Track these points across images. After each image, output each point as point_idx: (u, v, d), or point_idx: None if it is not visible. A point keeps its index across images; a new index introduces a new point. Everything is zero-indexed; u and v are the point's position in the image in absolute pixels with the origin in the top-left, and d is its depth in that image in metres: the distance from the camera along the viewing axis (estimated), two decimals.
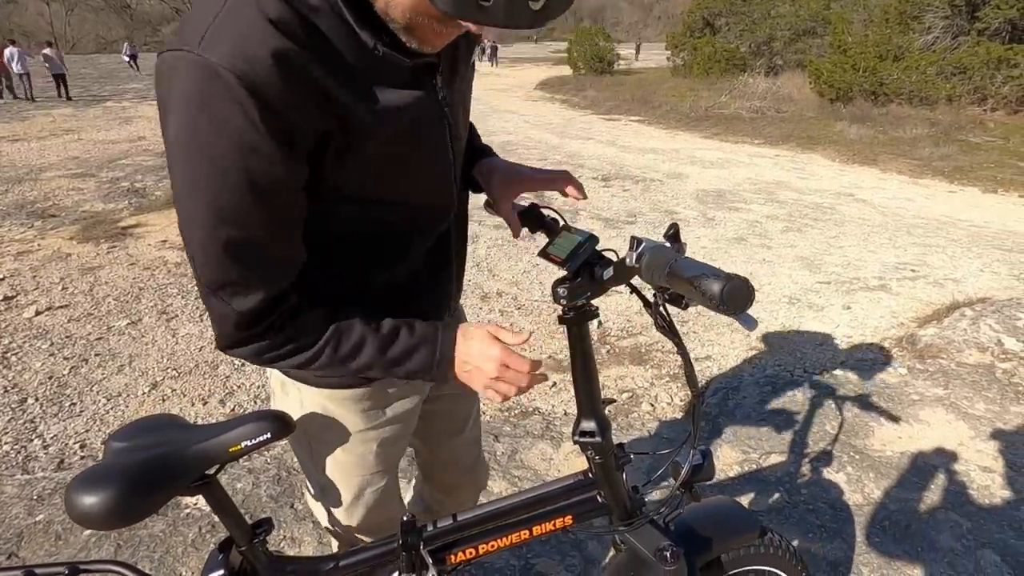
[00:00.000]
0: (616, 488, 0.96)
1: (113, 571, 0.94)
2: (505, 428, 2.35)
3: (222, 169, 0.62)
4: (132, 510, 0.73)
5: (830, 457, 2.15)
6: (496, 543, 0.94)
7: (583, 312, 0.87)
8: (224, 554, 0.87)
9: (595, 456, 0.93)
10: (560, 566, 1.70)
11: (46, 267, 4.36)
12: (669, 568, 0.91)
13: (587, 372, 0.90)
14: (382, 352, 0.78)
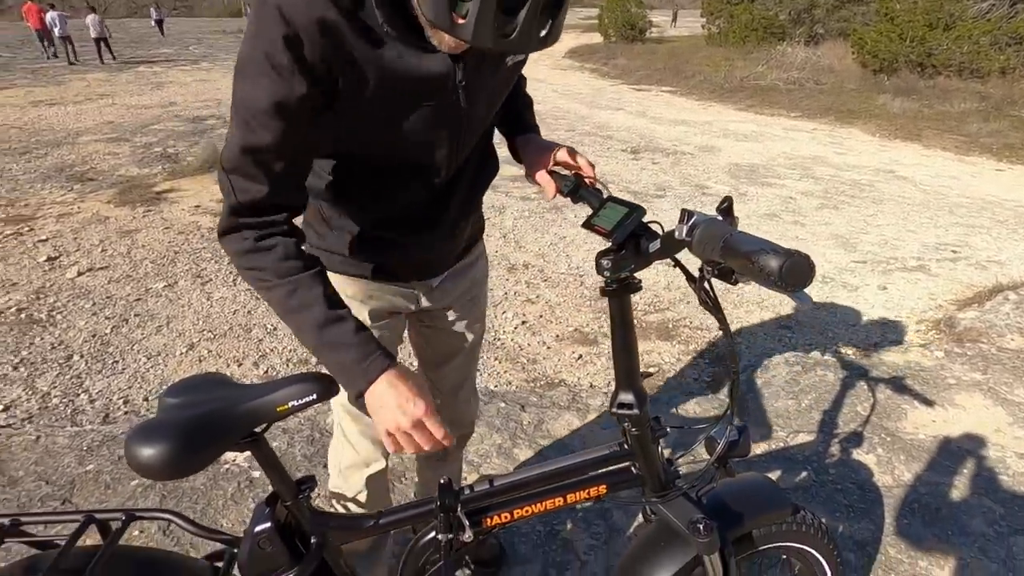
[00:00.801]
0: (651, 460, 0.96)
1: (165, 519, 0.99)
2: (531, 398, 2.38)
3: (255, 77, 0.76)
4: (187, 463, 0.77)
5: (860, 438, 2.13)
6: (530, 508, 0.96)
7: (626, 285, 0.86)
8: (270, 508, 0.91)
9: (632, 428, 0.93)
10: (585, 534, 1.73)
11: (86, 229, 4.49)
12: (702, 540, 0.92)
13: (627, 345, 0.90)
14: (319, 327, 0.83)
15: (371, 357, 0.83)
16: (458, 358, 1.32)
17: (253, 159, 0.79)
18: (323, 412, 2.28)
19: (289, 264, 0.83)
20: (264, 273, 0.83)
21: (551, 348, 3.04)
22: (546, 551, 1.68)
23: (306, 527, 0.92)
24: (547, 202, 5.31)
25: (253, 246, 0.82)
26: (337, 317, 0.84)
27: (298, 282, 0.83)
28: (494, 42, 0.69)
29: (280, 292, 0.83)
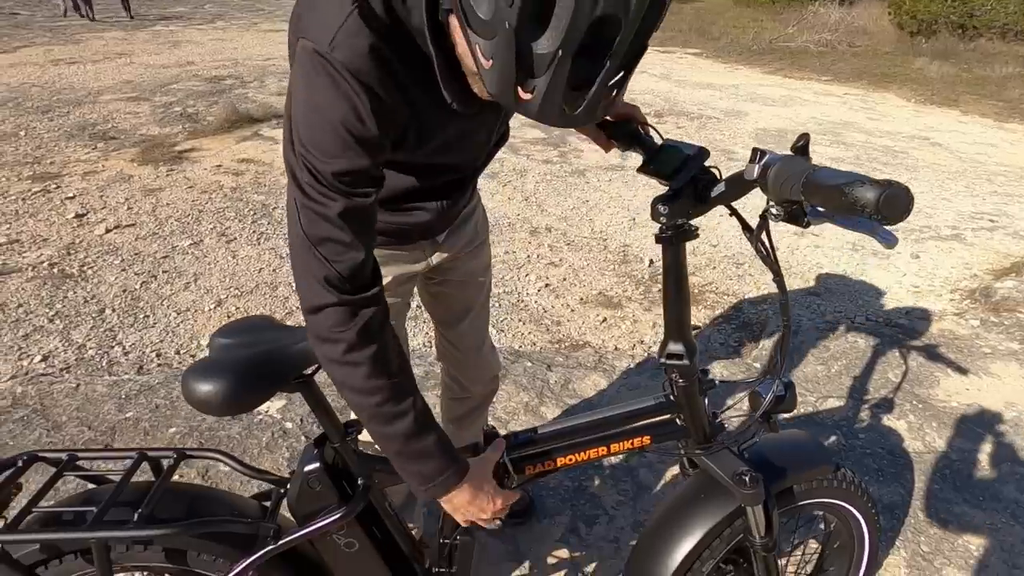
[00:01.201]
0: (697, 413, 0.95)
1: (215, 458, 1.01)
2: (557, 359, 2.38)
3: (339, 150, 0.72)
4: (242, 400, 0.77)
5: (891, 404, 2.11)
6: (574, 457, 0.96)
7: (682, 231, 0.84)
8: (319, 449, 0.92)
9: (679, 379, 0.92)
10: (613, 490, 1.75)
11: (111, 187, 4.52)
12: (747, 492, 0.92)
13: (680, 295, 0.88)
14: (407, 438, 0.80)
15: (451, 468, 0.84)
16: (473, 311, 1.33)
17: (357, 223, 0.74)
18: None
19: (389, 364, 0.78)
20: (355, 372, 0.76)
21: (575, 311, 3.03)
22: (574, 505, 1.70)
23: (353, 469, 0.94)
24: (569, 165, 5.24)
25: (344, 319, 0.74)
26: (425, 427, 0.82)
27: (395, 388, 0.78)
28: (560, 119, 0.67)
29: (374, 399, 0.77)
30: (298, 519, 0.92)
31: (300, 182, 0.72)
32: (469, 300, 1.32)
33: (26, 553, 0.88)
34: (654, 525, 1.06)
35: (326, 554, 0.95)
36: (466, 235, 1.22)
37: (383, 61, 0.71)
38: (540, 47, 0.60)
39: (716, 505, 1.00)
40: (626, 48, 0.61)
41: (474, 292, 1.32)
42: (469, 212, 1.21)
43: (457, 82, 0.76)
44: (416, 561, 1.02)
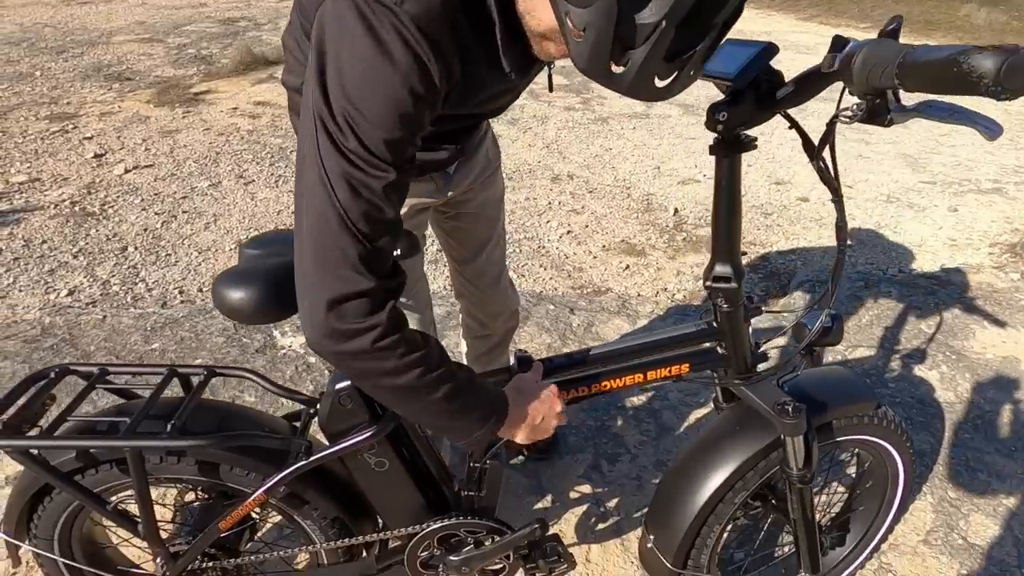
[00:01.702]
0: (740, 341, 0.92)
1: (245, 376, 1.00)
2: (580, 303, 2.35)
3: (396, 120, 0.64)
4: (272, 308, 0.75)
5: (923, 355, 2.05)
6: (609, 383, 0.93)
7: (739, 141, 0.77)
8: None
9: (724, 304, 0.88)
10: (635, 430, 1.75)
11: (128, 128, 4.48)
12: (789, 422, 0.89)
13: (731, 212, 0.83)
14: (449, 410, 0.76)
15: (494, 412, 0.81)
16: (489, 244, 1.31)
17: (397, 196, 0.67)
18: None
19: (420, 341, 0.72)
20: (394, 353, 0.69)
21: (597, 258, 2.98)
22: (597, 443, 1.70)
23: None
24: (592, 113, 5.08)
25: (376, 303, 0.66)
26: (465, 379, 0.77)
27: (428, 354, 0.72)
28: (650, 93, 0.63)
29: (414, 373, 0.71)
30: (329, 437, 0.92)
31: (344, 150, 0.62)
32: (484, 233, 1.29)
33: (63, 461, 0.89)
34: (688, 455, 1.04)
35: (357, 473, 0.95)
36: (478, 164, 1.18)
37: (451, 19, 0.65)
38: (643, 17, 0.56)
39: (753, 436, 0.98)
40: (729, 14, 0.58)
41: (488, 224, 1.29)
42: (479, 141, 1.17)
43: (515, 48, 0.71)
44: (445, 484, 1.02)
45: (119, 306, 2.35)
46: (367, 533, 1.03)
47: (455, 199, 1.17)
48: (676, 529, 1.02)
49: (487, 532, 1.00)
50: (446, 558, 1.02)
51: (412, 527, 1.00)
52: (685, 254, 3.01)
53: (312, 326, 0.66)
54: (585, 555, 1.41)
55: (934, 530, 1.49)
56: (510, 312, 1.46)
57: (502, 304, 1.42)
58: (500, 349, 1.52)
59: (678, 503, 1.02)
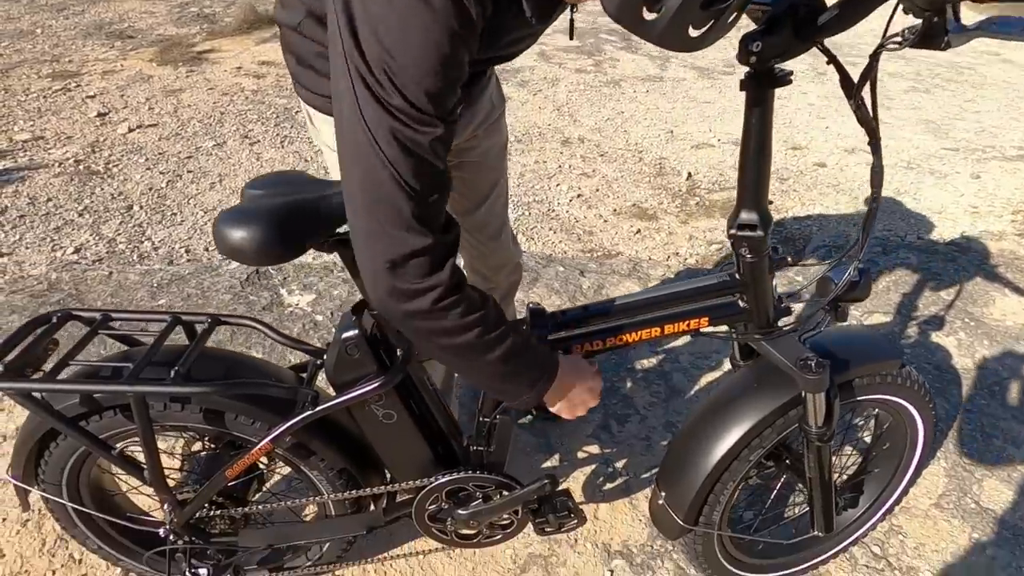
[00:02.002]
0: (763, 293, 0.88)
1: (250, 325, 0.97)
2: (590, 265, 2.31)
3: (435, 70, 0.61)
4: (276, 249, 0.72)
5: (941, 322, 2.01)
6: (625, 337, 0.90)
7: (773, 75, 0.72)
8: (358, 316, 0.87)
9: (748, 254, 0.84)
10: (645, 392, 1.73)
11: (131, 87, 4.41)
12: (811, 377, 0.86)
13: (761, 154, 0.78)
14: (503, 368, 0.76)
15: (547, 370, 0.81)
16: (492, 196, 1.27)
17: (445, 149, 0.64)
18: None
19: (478, 300, 0.72)
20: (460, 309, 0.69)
21: (608, 221, 2.93)
22: (606, 404, 1.68)
23: (392, 338, 0.89)
24: (604, 75, 4.94)
25: (435, 260, 0.65)
26: (522, 337, 0.76)
27: (487, 313, 0.72)
28: (681, 43, 0.59)
29: (473, 333, 0.71)
30: (335, 387, 0.89)
31: (388, 106, 0.59)
32: (486, 183, 1.24)
33: (67, 406, 0.87)
34: (704, 410, 1.01)
35: (364, 424, 0.93)
36: (482, 109, 1.13)
37: None
38: None
39: (773, 392, 0.95)
40: None
41: (491, 174, 1.24)
42: (483, 85, 1.12)
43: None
44: (453, 438, 1.00)
45: (125, 263, 2.33)
46: (375, 485, 1.02)
47: (458, 147, 1.13)
48: (688, 485, 1.00)
49: (496, 487, 0.99)
50: (454, 512, 1.01)
51: (420, 480, 0.98)
52: (698, 219, 2.95)
53: (374, 287, 0.66)
54: (594, 513, 1.40)
55: (946, 494, 1.47)
56: (513, 265, 1.43)
57: (505, 256, 1.39)
58: (506, 303, 1.50)
59: (692, 459, 1.00)
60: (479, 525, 1.03)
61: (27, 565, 1.24)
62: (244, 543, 1.01)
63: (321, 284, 2.06)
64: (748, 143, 0.77)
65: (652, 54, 5.32)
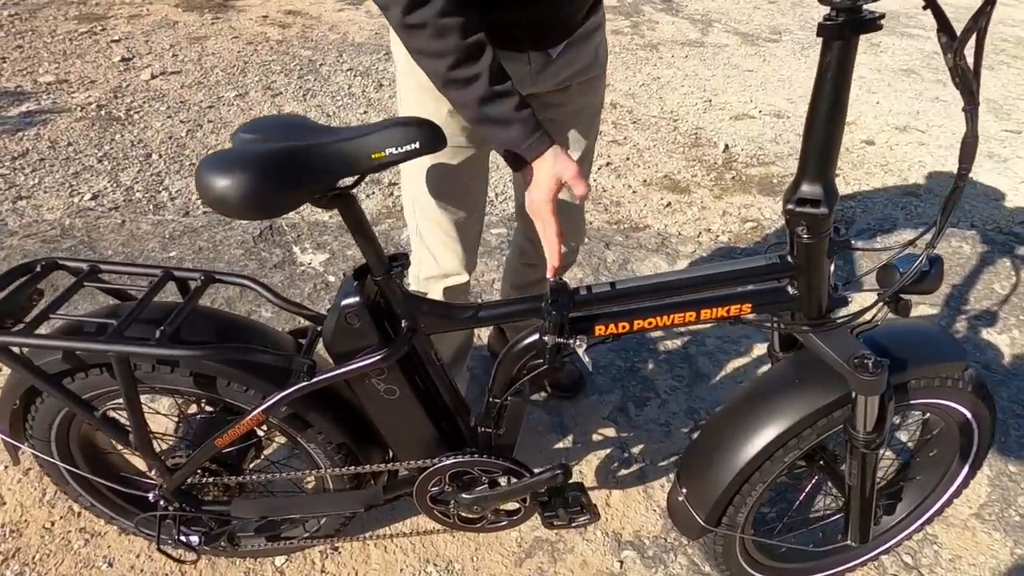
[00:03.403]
0: (818, 279, 0.77)
1: (246, 284, 0.90)
2: (616, 238, 2.19)
3: None
4: (265, 201, 0.63)
5: (993, 317, 1.86)
6: (655, 320, 0.80)
7: (857, 19, 0.60)
8: (359, 282, 0.79)
9: (806, 234, 0.73)
10: (668, 375, 1.63)
11: (156, 33, 4.33)
12: (867, 379, 0.76)
13: (834, 114, 0.66)
14: (481, 102, 0.77)
15: (537, 132, 0.78)
16: (576, 157, 1.14)
17: None
18: (397, 228, 2.19)
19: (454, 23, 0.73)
20: (426, 33, 0.72)
21: (637, 192, 2.79)
22: (625, 385, 1.60)
23: (396, 308, 0.81)
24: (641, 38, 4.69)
25: None
26: (501, 92, 0.77)
27: (464, 50, 0.74)
28: None
29: (444, 63, 0.75)
30: (334, 358, 0.82)
31: None
32: (571, 148, 1.12)
33: (49, 362, 0.82)
34: (737, 403, 0.92)
35: (365, 399, 0.86)
36: (584, 57, 1.01)
37: None
38: None
39: (817, 390, 0.85)
40: None
41: (579, 138, 1.13)
42: (592, 28, 1.00)
43: None
44: (460, 418, 0.93)
45: (140, 212, 2.29)
46: (375, 462, 0.95)
47: (547, 98, 1.02)
48: (714, 484, 0.92)
49: (503, 473, 0.92)
50: (457, 495, 0.94)
51: (422, 461, 0.92)
52: (733, 194, 2.79)
53: None
54: (605, 500, 1.34)
55: (988, 504, 1.37)
56: (573, 247, 1.31)
57: (569, 234, 1.26)
58: (542, 285, 1.39)
59: (720, 455, 0.91)
60: (483, 510, 0.96)
61: (27, 514, 1.22)
62: (236, 513, 0.96)
63: (335, 243, 1.99)
64: (819, 101, 0.66)
65: (694, 17, 5.04)
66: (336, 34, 4.45)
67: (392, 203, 2.65)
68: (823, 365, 0.84)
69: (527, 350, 0.85)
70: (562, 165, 0.79)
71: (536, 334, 0.83)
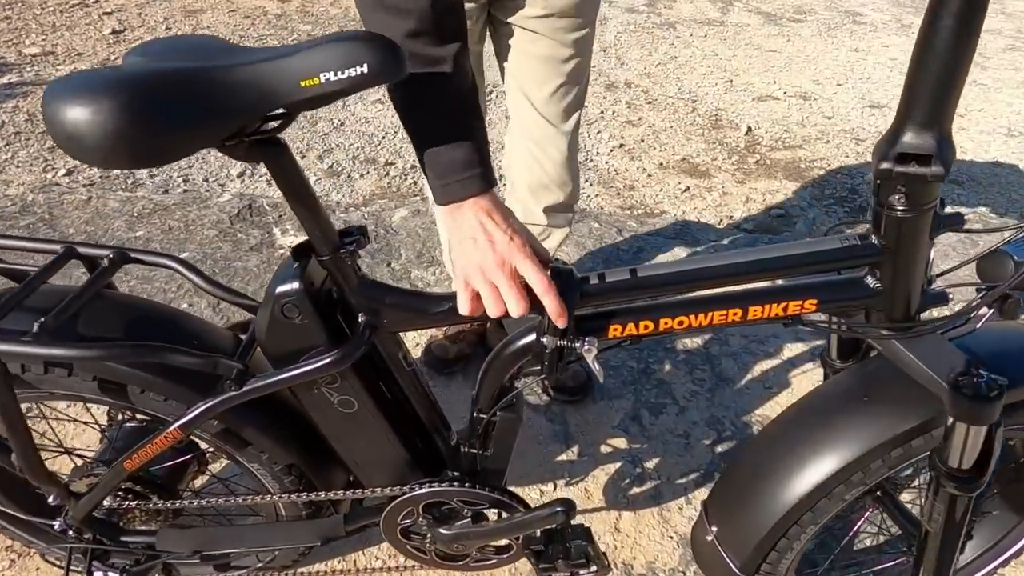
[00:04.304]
0: (912, 268, 0.58)
1: (167, 266, 0.72)
2: (630, 223, 2.00)
3: None
4: (138, 142, 0.45)
5: None
6: (687, 320, 0.61)
7: None
8: (300, 264, 0.60)
9: (903, 204, 0.53)
10: (687, 378, 1.44)
11: (150, 5, 4.16)
12: (975, 403, 0.56)
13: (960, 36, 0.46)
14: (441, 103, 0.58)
15: (479, 168, 0.58)
16: (556, 83, 1.04)
17: None
18: (388, 209, 2.01)
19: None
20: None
21: (652, 176, 2.58)
22: (638, 389, 1.41)
23: (351, 298, 0.62)
24: (658, 16, 4.46)
25: None
26: (466, 95, 0.58)
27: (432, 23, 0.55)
28: None
29: (406, 26, 0.55)
30: (271, 361, 0.64)
31: None
32: (555, 59, 1.01)
33: None
34: (784, 426, 0.73)
35: (315, 413, 0.68)
36: None
37: None
38: None
39: (895, 411, 0.66)
40: None
41: (559, 49, 1.01)
42: None
43: None
44: (438, 435, 0.75)
45: (111, 189, 2.12)
46: (335, 487, 0.77)
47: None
48: (754, 525, 0.73)
49: (490, 505, 0.73)
50: (434, 530, 0.76)
51: (390, 488, 0.73)
52: (756, 179, 2.58)
53: None
54: (615, 523, 1.15)
55: None
56: (564, 197, 1.16)
57: (558, 175, 1.13)
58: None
59: (763, 490, 0.72)
60: (466, 548, 0.78)
61: None
62: (162, 546, 0.79)
63: None
64: (940, 17, 0.45)
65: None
66: (337, 8, 4.24)
67: (388, 183, 2.47)
68: (903, 380, 0.65)
69: (520, 354, 0.66)
70: (498, 228, 0.57)
71: (532, 334, 0.65)
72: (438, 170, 0.57)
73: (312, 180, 2.45)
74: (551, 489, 1.21)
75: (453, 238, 0.59)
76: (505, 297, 0.57)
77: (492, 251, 0.56)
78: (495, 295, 0.57)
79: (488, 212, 0.57)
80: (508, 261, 0.57)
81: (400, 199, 2.17)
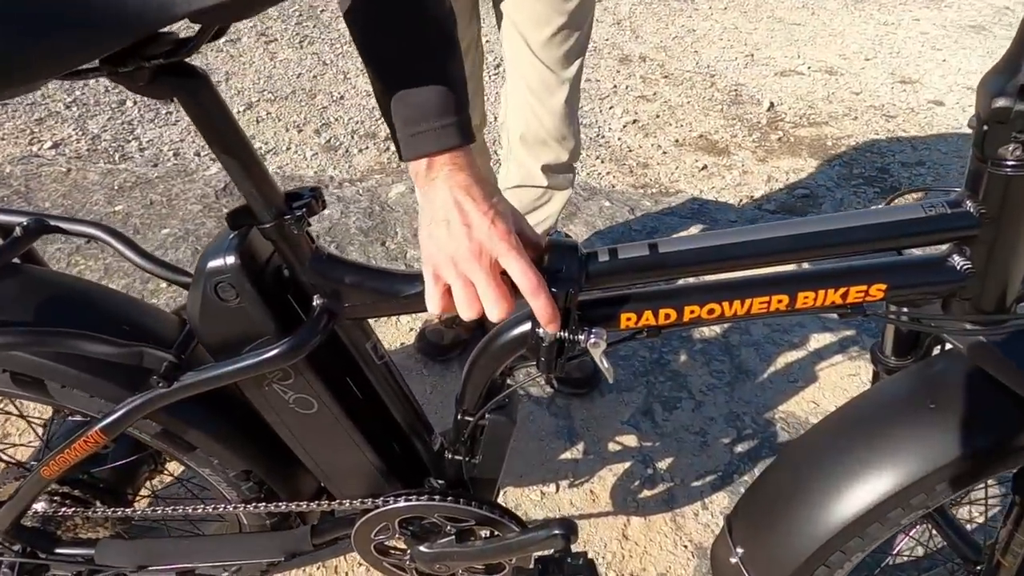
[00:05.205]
0: (1019, 246, 0.45)
1: (97, 236, 0.60)
2: (643, 203, 1.86)
3: None
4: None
5: None
6: (718, 308, 0.49)
7: None
8: (239, 234, 0.49)
9: (1016, 156, 0.40)
10: (704, 370, 1.32)
11: None
12: None
13: None
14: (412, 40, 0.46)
15: (455, 118, 0.45)
16: (555, 27, 0.94)
17: None
18: (385, 184, 1.89)
19: None
20: None
21: (667, 153, 2.43)
22: (650, 382, 1.29)
23: (300, 275, 0.51)
24: None
25: None
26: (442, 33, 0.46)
27: None
28: None
29: None
30: (210, 350, 0.53)
31: None
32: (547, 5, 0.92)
33: None
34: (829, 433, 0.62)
35: (267, 414, 0.57)
36: None
37: None
38: None
39: (971, 422, 0.54)
40: None
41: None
42: None
43: None
44: (418, 439, 0.63)
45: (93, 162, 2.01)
46: (301, 497, 0.67)
47: None
48: (791, 549, 0.62)
49: (477, 522, 0.62)
50: (413, 547, 0.65)
51: (360, 500, 0.63)
52: (779, 157, 2.43)
53: None
54: (622, 529, 1.04)
55: None
56: (566, 157, 1.07)
57: (556, 128, 1.03)
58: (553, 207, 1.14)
59: (803, 510, 0.61)
60: (450, 569, 0.67)
61: None
62: (101, 560, 0.69)
63: None
64: None
65: None
66: None
67: (388, 159, 2.34)
68: (981, 384, 0.53)
69: (514, 346, 0.55)
70: (476, 211, 0.44)
71: (527, 323, 0.53)
72: (405, 115, 0.44)
73: (308, 155, 2.33)
74: (553, 490, 1.10)
75: (423, 218, 0.46)
76: (482, 295, 0.45)
77: (467, 238, 0.44)
78: (469, 292, 0.45)
79: (466, 188, 0.44)
80: (487, 251, 0.44)
81: (399, 175, 2.05)
